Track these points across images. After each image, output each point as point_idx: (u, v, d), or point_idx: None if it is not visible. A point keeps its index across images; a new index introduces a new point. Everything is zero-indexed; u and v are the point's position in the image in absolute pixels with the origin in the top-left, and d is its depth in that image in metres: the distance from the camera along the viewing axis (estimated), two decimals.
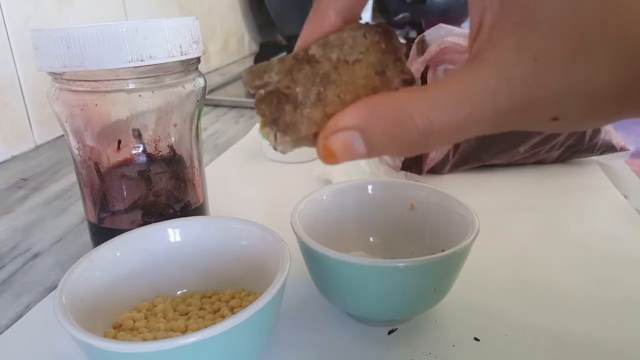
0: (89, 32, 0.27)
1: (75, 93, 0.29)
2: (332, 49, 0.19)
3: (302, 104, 0.19)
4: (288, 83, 0.19)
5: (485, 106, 0.16)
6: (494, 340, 0.27)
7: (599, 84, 0.15)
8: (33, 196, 0.48)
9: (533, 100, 0.16)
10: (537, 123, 0.17)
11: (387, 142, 0.17)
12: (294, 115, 0.19)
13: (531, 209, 0.41)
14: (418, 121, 0.17)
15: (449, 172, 0.48)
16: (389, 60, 0.20)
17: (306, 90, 0.19)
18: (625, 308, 0.29)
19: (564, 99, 0.16)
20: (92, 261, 0.25)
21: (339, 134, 0.18)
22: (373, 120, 0.17)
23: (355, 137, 0.18)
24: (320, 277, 0.27)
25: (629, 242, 0.36)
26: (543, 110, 0.16)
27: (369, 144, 0.18)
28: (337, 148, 0.18)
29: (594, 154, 0.48)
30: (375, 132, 0.17)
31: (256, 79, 0.19)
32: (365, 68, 0.19)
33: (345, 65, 0.19)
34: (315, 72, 0.19)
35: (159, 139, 0.32)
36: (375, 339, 0.27)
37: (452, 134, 0.17)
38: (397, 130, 0.17)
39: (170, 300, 0.27)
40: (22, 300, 0.32)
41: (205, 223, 0.29)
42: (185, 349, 0.19)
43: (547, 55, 0.15)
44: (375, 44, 0.19)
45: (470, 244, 0.25)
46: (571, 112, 0.16)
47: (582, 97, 0.16)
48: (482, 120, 0.17)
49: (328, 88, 0.19)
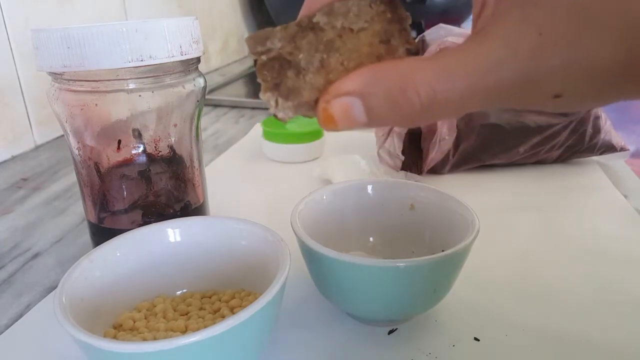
0: (89, 32, 0.27)
1: (75, 93, 0.29)
2: (336, 17, 0.19)
3: (304, 70, 0.19)
4: (291, 49, 0.19)
5: (489, 77, 0.16)
6: (494, 340, 0.27)
7: (601, 59, 0.15)
8: (33, 196, 0.48)
9: (537, 74, 0.16)
10: (539, 99, 0.17)
11: (388, 111, 0.17)
12: (296, 81, 0.19)
13: (531, 209, 0.41)
14: (421, 89, 0.16)
15: (449, 172, 0.48)
16: (394, 29, 0.19)
17: (309, 56, 0.19)
18: (626, 308, 0.29)
19: (567, 74, 0.16)
20: (92, 261, 0.25)
21: (340, 99, 0.18)
22: (375, 87, 0.17)
23: (356, 103, 0.17)
24: (320, 277, 0.27)
25: (629, 242, 0.36)
26: (546, 85, 0.16)
27: (370, 111, 0.17)
28: (337, 113, 0.18)
29: (594, 154, 0.48)
30: (376, 98, 0.17)
31: (258, 45, 0.19)
32: (370, 36, 0.19)
33: (349, 33, 0.19)
34: (319, 40, 0.19)
35: (159, 139, 0.32)
36: (375, 339, 0.27)
37: (455, 105, 0.17)
38: (399, 98, 0.17)
39: (170, 300, 0.27)
40: (22, 300, 0.32)
41: (205, 223, 0.29)
42: (185, 349, 0.19)
43: (551, 29, 0.16)
44: (381, 13, 0.19)
45: (470, 244, 0.25)
46: (574, 89, 0.16)
47: (585, 72, 0.16)
48: (486, 92, 0.16)
49: (332, 55, 0.19)
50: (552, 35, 0.15)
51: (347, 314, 0.29)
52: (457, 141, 0.46)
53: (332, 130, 0.18)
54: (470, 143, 0.47)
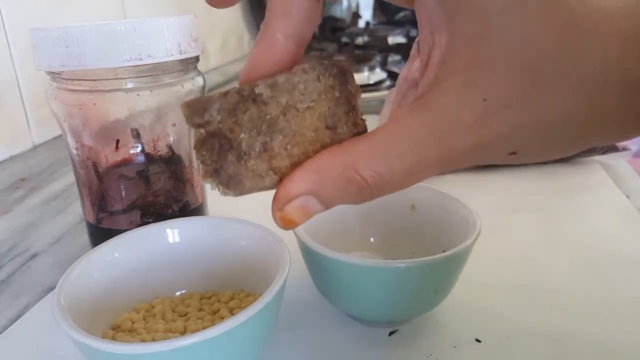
0: (87, 31, 0.27)
1: (74, 92, 0.29)
2: (281, 93, 0.18)
3: (246, 155, 0.18)
4: (231, 125, 0.18)
5: (431, 152, 0.16)
6: (496, 342, 0.26)
7: (554, 117, 0.15)
8: (31, 196, 0.48)
9: (486, 141, 0.15)
10: (494, 159, 0.17)
11: (341, 198, 0.17)
12: (237, 167, 0.18)
13: (533, 209, 0.41)
14: (366, 175, 0.16)
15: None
16: (342, 111, 0.18)
17: (251, 138, 0.18)
18: (628, 308, 0.29)
19: (519, 135, 0.15)
20: (90, 262, 0.25)
21: (293, 203, 0.18)
22: (323, 183, 0.17)
23: (310, 200, 0.18)
24: (321, 278, 0.27)
25: (631, 242, 0.36)
26: (498, 147, 0.16)
27: (325, 202, 0.18)
28: (294, 215, 0.18)
29: (595, 153, 0.48)
30: (327, 192, 0.17)
31: (196, 116, 0.18)
32: (317, 119, 0.18)
33: (294, 112, 0.18)
34: (262, 117, 0.18)
35: (158, 138, 0.32)
36: (375, 340, 0.27)
37: (404, 180, 0.17)
38: (347, 187, 0.17)
39: (169, 301, 0.27)
40: (21, 300, 0.32)
41: (204, 223, 0.29)
42: (184, 350, 0.19)
43: (497, 93, 0.15)
44: (329, 89, 0.18)
45: (471, 244, 0.25)
46: (528, 146, 0.16)
47: (537, 132, 0.15)
48: (431, 165, 0.16)
49: (275, 138, 0.18)
50: (498, 99, 0.15)
51: (348, 315, 0.28)
52: None
53: (293, 228, 0.18)
54: None
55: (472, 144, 0.15)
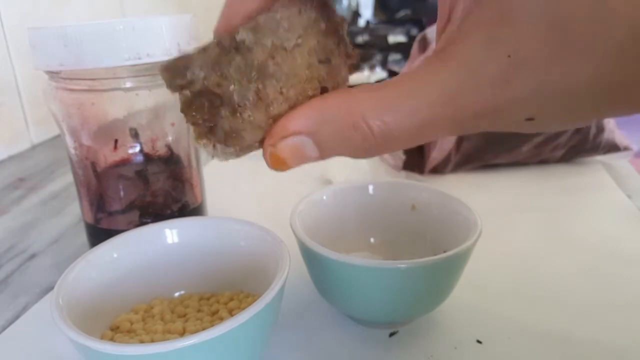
0: (85, 30, 0.27)
1: (72, 92, 0.29)
2: (265, 34, 0.16)
3: (240, 107, 0.16)
4: (218, 80, 0.16)
5: (447, 108, 0.15)
6: (497, 343, 0.26)
7: (578, 82, 0.14)
8: (30, 196, 0.48)
9: (505, 102, 0.15)
10: (509, 124, 0.16)
11: (340, 146, 0.16)
12: (233, 121, 0.16)
13: (534, 209, 0.41)
14: (373, 124, 0.15)
15: (451, 172, 0.48)
16: (332, 43, 0.17)
17: (242, 88, 0.16)
18: (630, 309, 0.29)
19: (539, 98, 0.14)
20: (89, 262, 0.25)
21: (288, 140, 0.16)
22: (324, 124, 0.16)
23: (306, 141, 0.16)
24: (320, 279, 0.27)
25: (633, 242, 0.35)
26: (516, 111, 0.15)
27: (321, 148, 0.16)
28: (287, 154, 0.16)
29: (597, 153, 0.48)
30: (327, 136, 0.16)
31: (177, 78, 0.16)
32: (307, 55, 0.17)
33: (283, 53, 0.16)
34: (249, 64, 0.16)
35: (156, 138, 0.32)
36: (376, 342, 0.27)
37: (412, 137, 0.16)
38: (350, 134, 0.16)
39: (167, 302, 0.27)
40: (19, 301, 0.32)
41: (203, 224, 0.28)
42: (183, 351, 0.19)
43: (522, 52, 0.14)
44: (313, 22, 0.17)
45: (472, 245, 0.25)
46: (547, 112, 0.15)
47: (559, 96, 0.14)
48: (444, 123, 0.15)
49: (267, 83, 0.16)
50: (523, 57, 0.14)
51: (348, 316, 0.28)
52: (459, 141, 0.46)
53: (282, 170, 0.17)
54: (472, 142, 0.46)
55: (490, 104, 0.15)
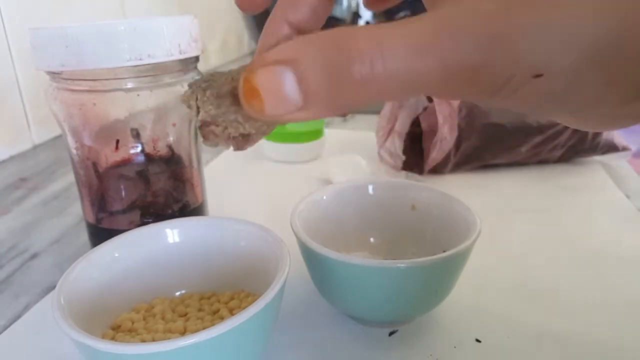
0: (87, 31, 0.27)
1: (74, 92, 0.29)
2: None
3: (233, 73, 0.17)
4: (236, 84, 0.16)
5: (443, 42, 0.13)
6: (496, 342, 0.26)
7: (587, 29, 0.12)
8: (31, 196, 0.48)
9: (502, 38, 0.13)
10: (512, 80, 0.13)
11: (326, 80, 0.14)
12: (221, 79, 0.17)
13: (533, 209, 0.41)
14: (364, 46, 0.13)
15: (450, 172, 0.48)
16: None
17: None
18: (628, 308, 0.29)
19: (545, 41, 0.13)
20: (90, 262, 0.25)
21: (267, 67, 0.14)
22: (311, 50, 0.14)
23: (288, 73, 0.14)
24: (320, 278, 0.27)
25: (631, 242, 0.36)
26: (517, 55, 0.13)
27: (305, 85, 0.14)
28: (263, 85, 0.14)
29: (596, 153, 0.48)
30: (312, 65, 0.14)
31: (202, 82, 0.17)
32: None
33: None
34: None
35: (158, 138, 0.32)
36: (375, 341, 0.27)
37: (404, 73, 0.13)
38: (338, 59, 0.13)
39: (168, 302, 0.27)
40: (20, 301, 0.32)
41: (204, 224, 0.29)
42: (184, 350, 0.19)
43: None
44: None
45: (471, 244, 0.25)
46: (557, 65, 0.13)
47: (566, 41, 0.13)
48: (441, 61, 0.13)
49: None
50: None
51: (348, 315, 0.28)
52: (459, 141, 0.46)
53: (257, 114, 0.15)
54: (471, 143, 0.46)
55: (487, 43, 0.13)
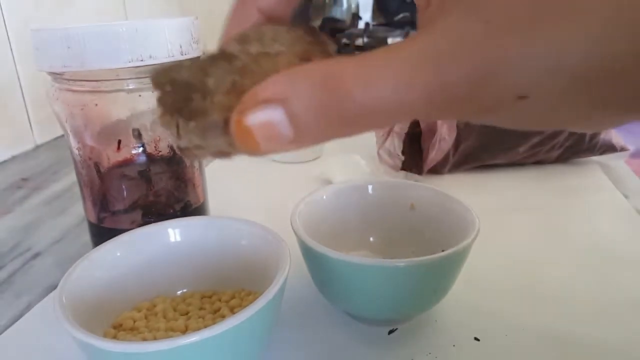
0: (89, 32, 0.27)
1: (75, 93, 0.29)
2: (250, 43, 0.16)
3: (212, 92, 0.15)
4: (200, 77, 0.16)
5: (429, 73, 0.13)
6: (494, 340, 0.27)
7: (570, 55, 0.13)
8: (33, 196, 0.48)
9: (485, 66, 0.13)
10: (497, 103, 0.14)
11: (316, 117, 0.14)
12: (202, 103, 0.15)
13: (531, 209, 0.41)
14: (351, 85, 0.14)
15: (449, 172, 0.48)
16: (316, 50, 0.17)
17: (218, 79, 0.16)
18: (626, 308, 0.29)
19: (527, 65, 0.13)
20: (92, 261, 0.25)
21: (257, 110, 0.14)
22: (299, 88, 0.14)
23: (278, 112, 0.14)
24: (320, 277, 0.27)
25: (629, 242, 0.36)
26: (501, 80, 0.13)
27: (295, 120, 0.14)
28: (255, 126, 0.14)
29: (594, 154, 0.48)
30: (301, 102, 0.14)
31: (161, 76, 0.16)
32: (291, 56, 0.16)
33: (266, 57, 0.16)
34: (233, 66, 0.16)
35: (159, 138, 0.32)
36: (375, 339, 0.27)
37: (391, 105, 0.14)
38: (327, 99, 0.14)
39: (170, 300, 0.27)
40: (22, 300, 0.32)
41: (205, 223, 0.29)
42: (185, 348, 0.19)
43: (503, 17, 0.13)
44: (299, 37, 0.17)
45: (470, 244, 0.25)
46: (541, 90, 0.13)
47: (551, 64, 0.13)
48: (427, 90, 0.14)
49: (245, 77, 0.16)
50: (502, 23, 0.13)
51: (347, 314, 0.29)
52: (457, 141, 0.46)
53: (252, 151, 0.15)
54: (470, 143, 0.47)
55: (476, 71, 0.13)
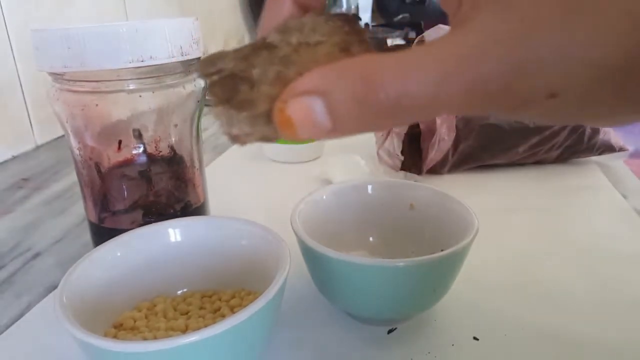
0: (89, 32, 0.27)
1: (76, 93, 0.29)
2: (291, 33, 0.17)
3: (259, 82, 0.17)
4: (244, 67, 0.17)
5: (467, 68, 0.14)
6: (493, 340, 0.27)
7: (602, 53, 0.13)
8: (33, 196, 0.48)
9: (524, 63, 0.14)
10: (531, 98, 0.14)
11: (353, 110, 0.15)
12: (250, 94, 0.17)
13: (530, 209, 0.41)
14: (388, 86, 0.15)
15: (448, 172, 0.48)
16: (354, 40, 0.18)
17: (264, 70, 0.17)
18: (624, 308, 0.29)
19: (560, 63, 0.13)
20: (92, 261, 0.25)
21: (299, 99, 0.16)
22: (338, 83, 0.15)
23: (317, 103, 0.15)
24: (320, 277, 0.27)
25: (627, 242, 0.36)
26: (537, 76, 0.14)
27: (333, 112, 0.15)
28: (296, 115, 0.16)
29: (593, 154, 0.49)
30: (340, 96, 0.15)
31: (209, 66, 0.17)
32: (330, 47, 0.17)
33: (306, 47, 0.17)
34: (274, 55, 0.17)
35: (160, 139, 0.32)
36: (374, 339, 0.27)
37: (427, 106, 0.15)
38: (364, 97, 0.15)
39: (170, 300, 0.27)
40: (23, 300, 0.32)
41: (205, 223, 0.29)
42: (185, 348, 0.19)
43: (536, 14, 0.14)
44: (337, 28, 0.18)
45: (469, 243, 0.26)
46: (571, 86, 0.14)
47: (583, 63, 0.13)
48: (461, 92, 0.14)
49: (289, 67, 0.17)
50: (535, 21, 0.14)
51: (347, 313, 0.29)
52: (457, 141, 0.46)
53: (291, 138, 0.16)
54: (469, 143, 0.47)
55: (511, 68, 0.14)
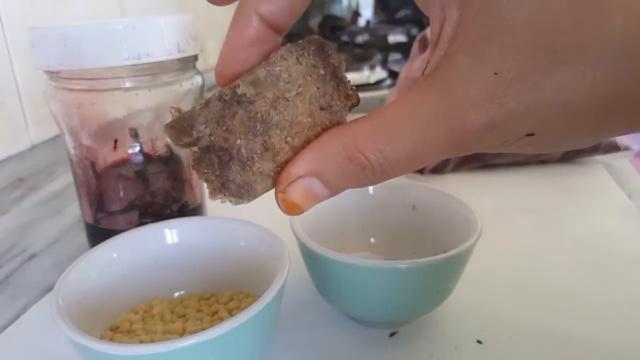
0: (85, 30, 0.27)
1: (72, 92, 0.29)
2: (266, 87, 0.17)
3: (249, 161, 0.17)
4: (224, 135, 0.17)
5: (437, 131, 0.15)
6: (497, 343, 0.26)
7: (574, 94, 0.14)
8: (29, 196, 0.48)
9: (496, 118, 0.14)
10: (506, 142, 0.15)
11: (345, 180, 0.17)
12: (244, 175, 0.18)
13: (534, 209, 0.41)
14: (369, 155, 0.16)
15: (451, 172, 0.48)
16: (331, 87, 0.18)
17: (249, 142, 0.17)
18: (630, 309, 0.29)
19: (534, 113, 0.14)
20: (88, 262, 0.25)
21: (295, 184, 0.17)
22: (325, 163, 0.17)
23: (313, 182, 0.17)
24: (320, 279, 0.27)
25: (633, 242, 0.35)
26: (510, 127, 0.14)
27: (329, 185, 0.17)
28: (298, 198, 0.17)
29: (597, 153, 0.48)
30: (330, 173, 0.17)
31: (183, 136, 0.17)
32: (308, 102, 0.17)
33: (284, 102, 0.17)
34: (252, 117, 0.17)
35: (156, 138, 0.32)
36: (376, 342, 0.27)
37: (408, 162, 0.16)
38: (350, 167, 0.16)
39: (167, 302, 0.27)
40: (19, 301, 0.32)
41: (203, 224, 0.28)
42: (182, 351, 0.19)
43: (510, 68, 0.14)
44: (312, 69, 0.17)
45: (472, 245, 0.25)
46: (547, 127, 0.14)
47: (557, 111, 0.14)
48: (437, 146, 0.15)
49: (272, 134, 0.17)
50: (510, 74, 0.14)
51: (348, 316, 0.28)
52: None
53: (296, 214, 0.17)
54: None
55: (482, 122, 0.14)
